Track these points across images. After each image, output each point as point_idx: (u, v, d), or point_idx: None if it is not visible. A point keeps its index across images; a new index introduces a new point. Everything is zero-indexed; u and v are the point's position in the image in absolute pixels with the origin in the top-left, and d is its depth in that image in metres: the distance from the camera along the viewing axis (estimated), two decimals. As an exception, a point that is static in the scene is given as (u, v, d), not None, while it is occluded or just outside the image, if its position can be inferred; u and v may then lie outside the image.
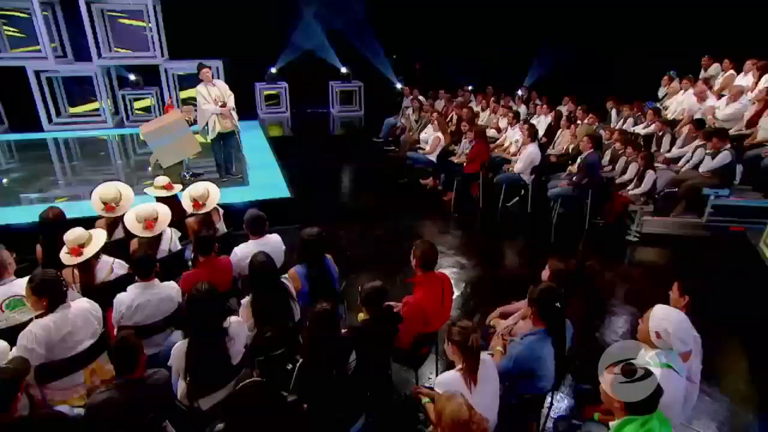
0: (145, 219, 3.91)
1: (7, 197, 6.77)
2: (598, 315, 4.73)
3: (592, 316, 4.67)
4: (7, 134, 10.40)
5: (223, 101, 6.66)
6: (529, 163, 6.90)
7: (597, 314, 4.73)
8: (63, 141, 9.89)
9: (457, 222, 6.99)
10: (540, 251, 6.15)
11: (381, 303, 2.98)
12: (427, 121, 9.15)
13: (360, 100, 13.55)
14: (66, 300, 2.83)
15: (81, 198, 6.73)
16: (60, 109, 11.05)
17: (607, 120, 8.71)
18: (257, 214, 3.85)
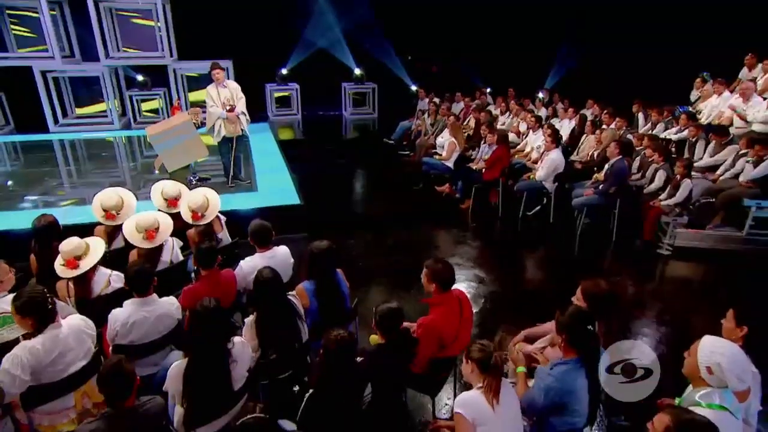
0: (145, 229, 3.79)
1: (9, 201, 6.73)
2: (626, 337, 4.49)
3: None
4: (12, 135, 10.47)
5: (232, 104, 6.57)
6: (552, 170, 6.68)
7: (626, 337, 4.49)
8: (69, 142, 9.92)
9: (474, 232, 6.80)
10: (563, 264, 5.95)
11: (397, 326, 2.80)
12: (444, 124, 8.97)
13: (373, 103, 13.43)
14: (56, 319, 2.70)
15: (86, 202, 6.61)
16: (66, 109, 11.09)
17: (634, 124, 8.44)
18: (262, 225, 3.69)
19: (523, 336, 3.31)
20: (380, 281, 5.44)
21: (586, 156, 7.53)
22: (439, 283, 3.04)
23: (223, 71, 6.66)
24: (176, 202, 4.48)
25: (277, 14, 12.35)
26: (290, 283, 3.88)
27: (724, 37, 8.94)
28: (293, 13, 12.58)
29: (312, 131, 12.16)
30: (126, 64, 11.01)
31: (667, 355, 4.29)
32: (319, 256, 3.32)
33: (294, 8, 12.51)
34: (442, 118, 9.32)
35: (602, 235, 6.38)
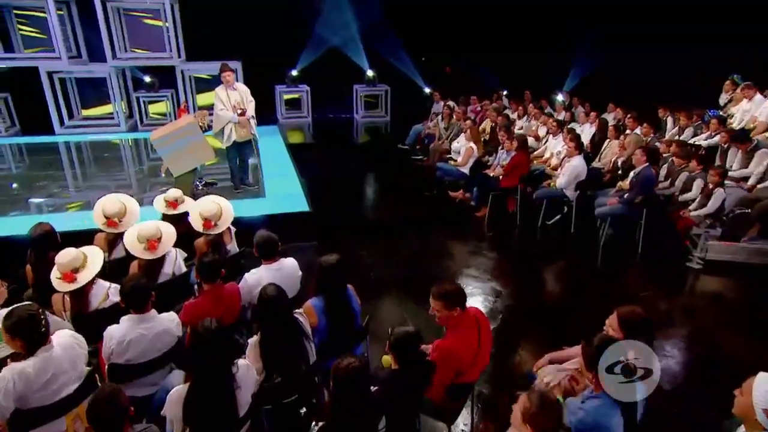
0: (147, 239, 3.68)
1: (12, 204, 6.69)
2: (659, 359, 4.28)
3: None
4: (18, 137, 10.51)
5: (243, 108, 6.48)
6: (573, 177, 6.49)
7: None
8: (74, 145, 9.94)
9: (491, 241, 6.62)
10: (586, 277, 5.75)
11: (414, 352, 2.63)
12: (459, 129, 8.82)
13: (386, 105, 13.33)
14: (48, 340, 2.57)
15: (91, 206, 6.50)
16: (73, 111, 11.12)
17: (660, 129, 8.20)
18: (269, 236, 3.56)
19: (547, 360, 3.13)
20: (392, 294, 5.29)
21: (609, 163, 7.32)
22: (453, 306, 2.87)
23: (233, 73, 6.56)
24: (176, 204, 4.39)
25: (287, 14, 12.29)
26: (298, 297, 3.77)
27: (756, 38, 8.66)
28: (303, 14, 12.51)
29: (322, 134, 12.09)
30: (133, 65, 11.01)
31: (699, 377, 4.10)
32: (329, 272, 3.17)
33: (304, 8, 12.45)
34: (457, 122, 9.18)
35: (627, 246, 6.16)
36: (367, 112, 13.38)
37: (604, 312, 3.33)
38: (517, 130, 8.95)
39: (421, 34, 13.23)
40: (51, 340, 2.60)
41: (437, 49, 13.94)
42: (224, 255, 4.19)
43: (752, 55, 7.96)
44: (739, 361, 4.14)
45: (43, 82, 9.93)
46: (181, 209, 4.44)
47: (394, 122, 12.97)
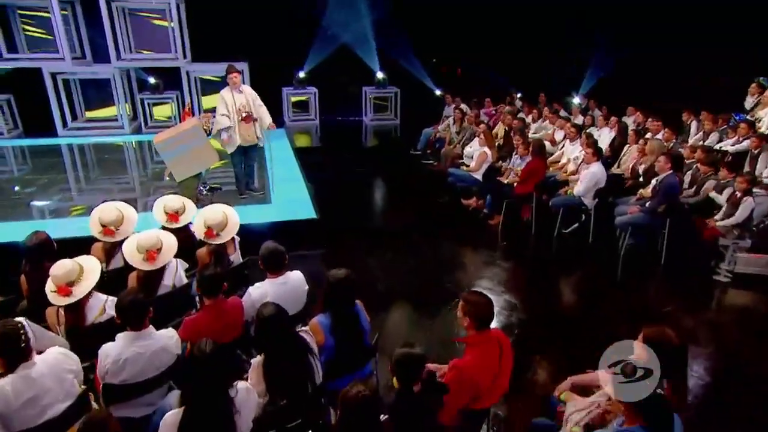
0: (146, 249, 3.57)
1: (14, 209, 6.64)
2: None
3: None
4: (20, 139, 10.53)
5: (248, 112, 6.38)
6: (592, 185, 6.33)
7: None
8: (77, 147, 9.94)
9: (505, 251, 6.47)
10: (605, 289, 5.59)
11: (416, 376, 2.48)
12: (471, 133, 8.68)
13: (395, 108, 13.22)
14: (29, 356, 2.47)
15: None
16: (76, 113, 11.14)
17: (683, 134, 8.00)
18: (274, 248, 3.44)
19: (569, 384, 2.97)
20: (402, 307, 5.17)
21: (629, 169, 7.15)
22: (475, 320, 2.73)
23: (239, 75, 6.49)
24: (177, 217, 4.28)
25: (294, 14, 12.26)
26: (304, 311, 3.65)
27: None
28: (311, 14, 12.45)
29: (330, 138, 12.03)
30: (137, 66, 11.00)
31: (727, 397, 3.92)
32: (337, 287, 3.05)
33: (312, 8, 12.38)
34: (469, 125, 9.04)
35: (649, 257, 5.99)
36: (377, 114, 13.31)
37: (626, 328, 3.19)
38: (531, 134, 8.82)
39: (432, 34, 13.13)
40: (33, 356, 2.50)
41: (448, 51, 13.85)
42: (227, 266, 4.09)
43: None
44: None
45: (47, 83, 9.94)
46: (184, 221, 4.33)
47: (404, 125, 12.89)
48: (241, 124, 6.43)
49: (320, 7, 12.53)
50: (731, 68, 8.56)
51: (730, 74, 8.54)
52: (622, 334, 2.78)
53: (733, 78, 8.49)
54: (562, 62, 12.65)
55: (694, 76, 10.01)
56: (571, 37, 12.39)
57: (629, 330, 2.70)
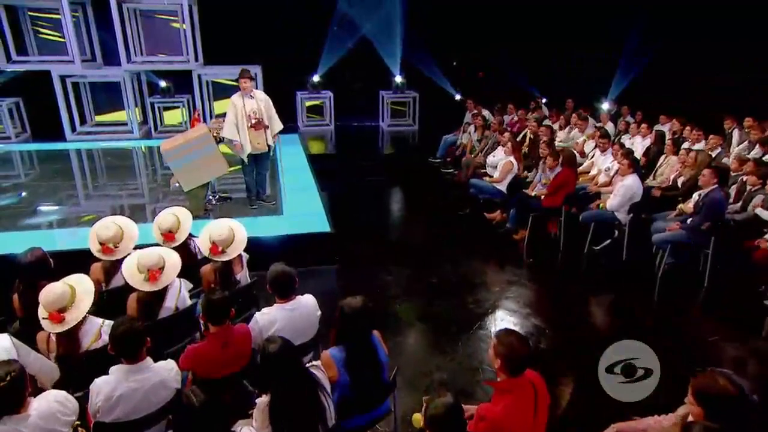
0: (148, 268, 3.40)
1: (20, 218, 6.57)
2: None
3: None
4: (28, 143, 10.55)
5: (258, 118, 6.25)
6: (627, 199, 6.05)
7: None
8: (86, 152, 9.93)
9: (531, 269, 6.22)
10: (641, 314, 5.28)
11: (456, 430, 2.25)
12: (495, 141, 8.43)
13: (414, 113, 13.04)
14: (24, 403, 2.28)
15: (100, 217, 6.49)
16: (86, 117, 11.15)
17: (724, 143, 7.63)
18: (283, 271, 3.24)
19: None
20: (420, 331, 4.96)
21: (666, 181, 6.83)
22: (508, 365, 2.48)
23: (252, 81, 6.34)
24: (173, 236, 4.10)
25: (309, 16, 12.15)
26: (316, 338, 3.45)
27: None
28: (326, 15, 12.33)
29: (345, 144, 11.88)
30: (148, 69, 10.96)
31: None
32: (352, 318, 2.83)
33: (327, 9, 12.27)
34: (493, 133, 8.79)
35: (690, 279, 5.67)
36: (394, 120, 13.13)
37: (668, 360, 2.93)
38: (557, 143, 8.53)
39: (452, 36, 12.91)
40: (29, 406, 2.31)
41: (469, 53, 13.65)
42: (233, 285, 3.92)
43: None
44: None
45: (55, 87, 9.94)
46: (181, 237, 4.16)
47: (423, 132, 12.70)
48: (251, 131, 6.30)
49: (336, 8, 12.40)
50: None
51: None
52: (665, 366, 2.55)
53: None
54: (589, 62, 12.27)
55: (736, 75, 9.40)
56: (600, 32, 11.94)
57: (673, 363, 2.45)
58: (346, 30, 12.49)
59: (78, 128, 10.64)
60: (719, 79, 9.20)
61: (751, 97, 8.01)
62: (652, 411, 3.27)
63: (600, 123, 9.33)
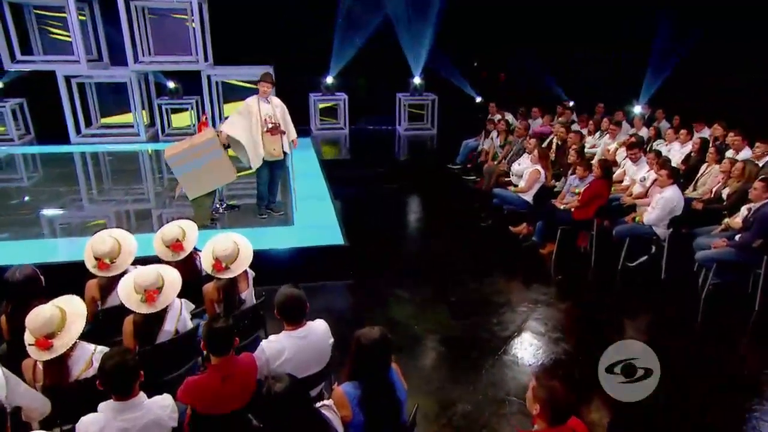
0: (145, 289, 3.22)
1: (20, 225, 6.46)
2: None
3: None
4: (32, 146, 10.57)
5: (274, 123, 6.12)
6: (667, 212, 5.76)
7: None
8: (91, 155, 9.89)
9: (560, 287, 5.95)
10: (683, 340, 4.97)
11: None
12: (520, 148, 8.18)
13: (433, 117, 12.84)
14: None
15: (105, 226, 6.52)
16: (91, 118, 11.15)
17: None
18: (292, 295, 3.03)
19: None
20: (439, 356, 4.72)
21: (708, 192, 6.51)
22: (550, 413, 2.24)
23: (272, 86, 6.19)
24: (181, 245, 3.95)
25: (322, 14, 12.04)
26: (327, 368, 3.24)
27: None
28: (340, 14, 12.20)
29: (360, 149, 11.75)
30: (156, 69, 10.93)
31: None
32: (369, 352, 2.61)
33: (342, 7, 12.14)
34: (517, 139, 8.55)
35: (739, 301, 5.36)
36: (412, 124, 12.95)
37: (717, 393, 2.69)
38: (586, 149, 8.25)
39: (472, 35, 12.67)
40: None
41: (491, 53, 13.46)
42: (238, 305, 3.73)
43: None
44: None
45: (60, 87, 9.93)
46: (189, 246, 4.01)
47: (442, 136, 12.51)
48: (266, 137, 6.14)
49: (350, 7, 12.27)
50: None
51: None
52: (714, 400, 2.32)
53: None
54: (617, 62, 11.94)
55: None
56: (627, 29, 11.58)
57: (722, 395, 2.23)
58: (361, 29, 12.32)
59: (83, 130, 10.64)
60: (762, 78, 8.80)
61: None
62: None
63: (633, 129, 9.04)
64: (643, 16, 11.32)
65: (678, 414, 3.94)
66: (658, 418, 3.91)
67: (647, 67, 11.41)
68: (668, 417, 3.91)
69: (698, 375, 4.44)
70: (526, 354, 4.68)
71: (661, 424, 3.88)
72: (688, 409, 3.98)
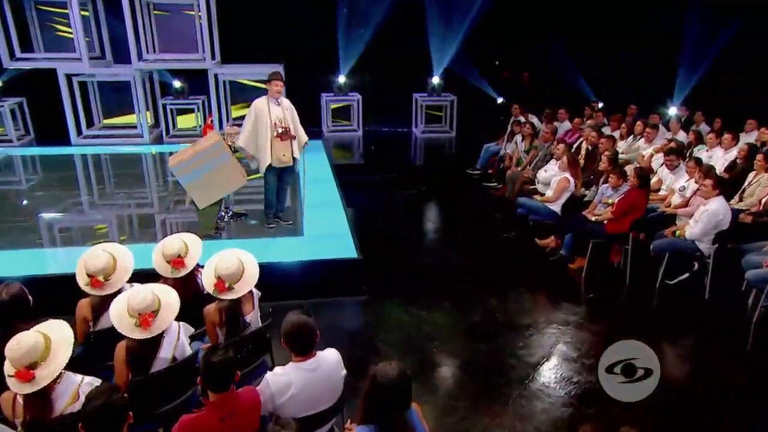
0: (139, 312, 3.05)
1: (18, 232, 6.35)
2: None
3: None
4: (31, 147, 10.56)
5: (285, 126, 5.97)
6: (712, 227, 5.49)
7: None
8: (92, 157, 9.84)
9: (590, 305, 5.72)
10: (731, 366, 4.73)
11: None
12: (547, 153, 7.94)
13: (451, 119, 12.64)
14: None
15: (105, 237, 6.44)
16: (93, 119, 11.12)
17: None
18: (300, 323, 2.83)
19: None
20: (460, 383, 4.51)
21: (757, 204, 6.21)
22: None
23: (284, 85, 6.04)
24: (183, 261, 3.79)
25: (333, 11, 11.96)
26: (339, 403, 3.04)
27: None
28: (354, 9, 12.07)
29: (375, 152, 11.59)
30: (160, 68, 10.87)
31: None
32: (387, 391, 2.39)
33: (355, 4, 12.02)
34: (543, 143, 8.29)
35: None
36: (429, 126, 12.76)
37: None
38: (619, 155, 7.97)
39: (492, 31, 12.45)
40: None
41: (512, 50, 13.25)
42: (242, 329, 3.55)
43: None
44: None
45: (61, 86, 9.88)
46: (191, 262, 3.85)
47: (461, 139, 12.32)
48: (275, 141, 5.98)
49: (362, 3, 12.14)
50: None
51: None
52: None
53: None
54: (646, 57, 11.56)
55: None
56: (655, 18, 11.19)
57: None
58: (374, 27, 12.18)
59: (84, 131, 10.59)
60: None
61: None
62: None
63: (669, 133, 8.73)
64: (672, 5, 10.94)
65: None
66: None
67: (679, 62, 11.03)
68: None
69: (747, 406, 4.17)
70: (557, 383, 4.43)
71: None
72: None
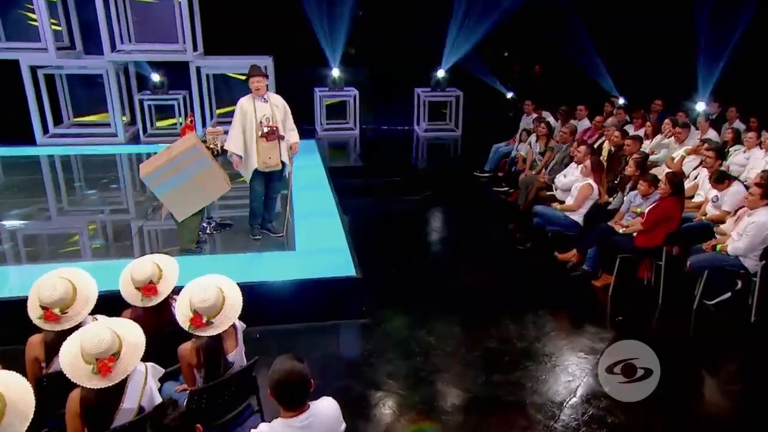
0: (96, 357, 2.72)
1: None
2: None
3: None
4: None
5: (272, 126, 5.74)
6: (760, 241, 5.25)
7: None
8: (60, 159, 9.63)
9: (619, 329, 5.47)
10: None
11: None
12: (565, 155, 7.68)
13: (457, 116, 12.48)
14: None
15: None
16: (62, 116, 10.97)
17: None
18: (292, 372, 2.48)
19: None
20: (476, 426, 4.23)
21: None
22: None
23: (265, 80, 5.86)
24: (155, 288, 3.51)
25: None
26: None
27: None
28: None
29: (373, 153, 11.48)
30: (137, 60, 10.70)
31: None
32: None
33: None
34: (561, 144, 8.04)
35: None
36: (433, 123, 12.63)
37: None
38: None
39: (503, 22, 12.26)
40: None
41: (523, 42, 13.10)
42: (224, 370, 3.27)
43: None
44: None
45: (24, 79, 9.67)
46: (165, 289, 3.55)
47: (468, 138, 12.19)
48: (261, 142, 5.75)
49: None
50: None
51: None
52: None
53: None
54: (660, 44, 11.25)
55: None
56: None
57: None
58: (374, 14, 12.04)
59: (51, 130, 10.42)
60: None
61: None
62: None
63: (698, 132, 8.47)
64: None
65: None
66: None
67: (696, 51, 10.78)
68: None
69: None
70: (587, 425, 4.12)
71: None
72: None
